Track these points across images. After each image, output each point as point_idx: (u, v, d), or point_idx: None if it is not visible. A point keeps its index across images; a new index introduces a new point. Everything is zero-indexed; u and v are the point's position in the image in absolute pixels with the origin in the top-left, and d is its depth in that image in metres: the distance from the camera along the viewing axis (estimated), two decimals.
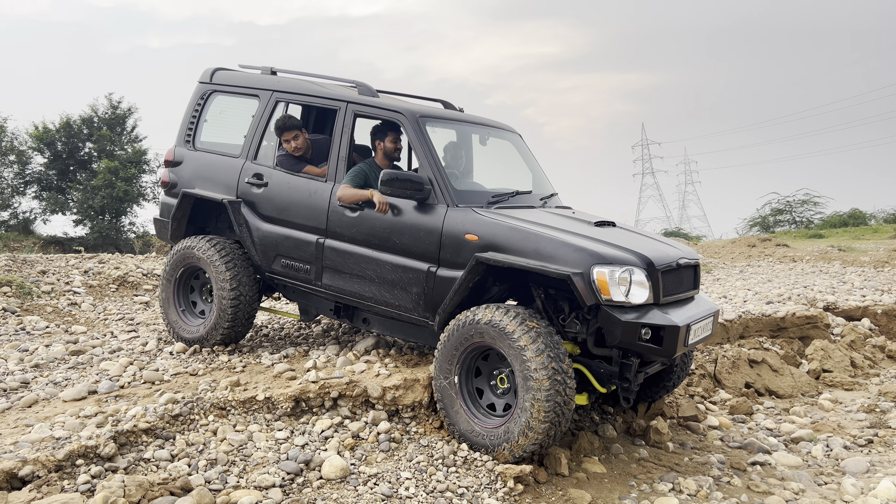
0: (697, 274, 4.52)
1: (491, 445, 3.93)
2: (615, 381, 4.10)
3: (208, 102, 5.68)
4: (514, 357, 3.80)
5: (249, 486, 3.45)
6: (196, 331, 5.27)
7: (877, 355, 7.97)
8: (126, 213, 27.78)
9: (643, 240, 4.46)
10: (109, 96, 28.52)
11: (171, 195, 5.66)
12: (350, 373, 4.57)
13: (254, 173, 5.20)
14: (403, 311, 4.54)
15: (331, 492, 3.52)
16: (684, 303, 4.29)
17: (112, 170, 26.14)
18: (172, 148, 5.76)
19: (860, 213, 33.08)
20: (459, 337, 4.03)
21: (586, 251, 3.88)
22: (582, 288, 3.78)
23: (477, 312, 3.99)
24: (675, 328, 3.82)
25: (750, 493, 4.12)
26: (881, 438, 5.15)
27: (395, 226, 4.49)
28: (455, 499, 3.56)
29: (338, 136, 4.92)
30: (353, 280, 4.72)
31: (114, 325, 6.64)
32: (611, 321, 3.81)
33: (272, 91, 5.31)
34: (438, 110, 5.22)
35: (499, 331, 3.84)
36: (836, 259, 16.68)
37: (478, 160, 5.43)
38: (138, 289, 8.40)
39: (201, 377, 4.71)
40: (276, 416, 4.23)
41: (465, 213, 4.30)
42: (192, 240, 5.28)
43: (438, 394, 4.16)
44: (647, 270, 3.89)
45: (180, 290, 5.45)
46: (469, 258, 4.14)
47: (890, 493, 4.03)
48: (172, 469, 3.49)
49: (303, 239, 4.93)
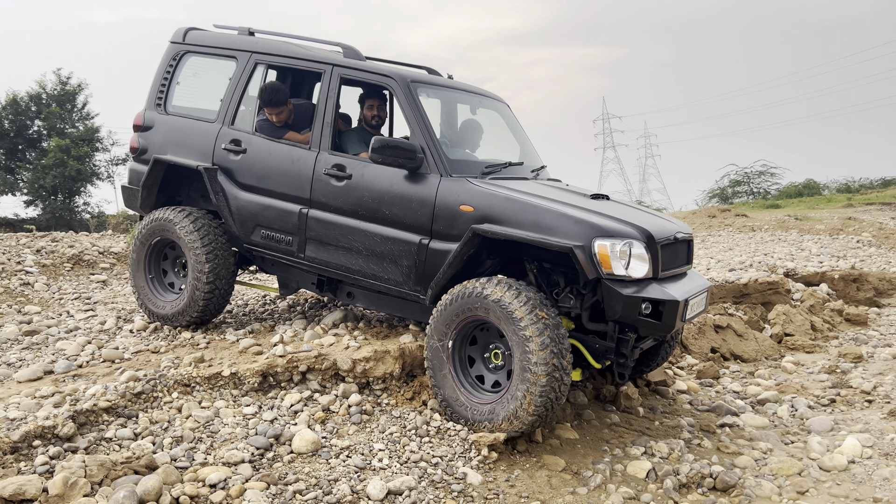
0: (691, 249, 4.44)
1: (472, 419, 3.83)
2: (610, 356, 3.97)
3: (181, 64, 5.34)
4: (517, 344, 3.65)
5: (218, 463, 3.34)
6: (169, 306, 5.01)
7: (835, 319, 8.17)
8: (80, 192, 27.01)
9: (640, 213, 4.36)
10: (58, 72, 27.58)
11: (141, 161, 5.31)
12: (318, 346, 4.48)
13: (231, 139, 4.93)
14: (392, 285, 4.37)
15: (302, 465, 3.43)
16: (679, 277, 4.21)
17: (63, 148, 25.33)
18: (142, 112, 5.40)
19: (814, 184, 33.90)
20: (462, 305, 3.84)
21: (587, 223, 3.76)
22: (584, 261, 3.65)
23: (487, 287, 3.78)
24: (675, 303, 3.72)
25: (720, 455, 4.17)
26: (843, 398, 5.26)
27: (385, 196, 4.29)
28: (429, 468, 3.51)
29: (322, 101, 4.67)
30: (338, 252, 4.53)
31: (70, 304, 6.41)
32: (611, 295, 3.70)
33: (251, 52, 5.02)
34: (430, 76, 4.99)
35: (506, 314, 3.66)
36: (794, 228, 17.06)
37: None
38: (94, 267, 8.13)
39: (163, 354, 4.57)
40: (242, 391, 4.12)
41: (459, 183, 4.13)
42: (164, 211, 4.97)
43: (429, 353, 4.01)
44: (647, 244, 3.78)
45: (151, 264, 5.14)
46: (464, 230, 3.99)
47: (854, 449, 4.12)
48: (136, 448, 3.36)
49: (285, 209, 4.70)
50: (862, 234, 15.40)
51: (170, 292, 5.13)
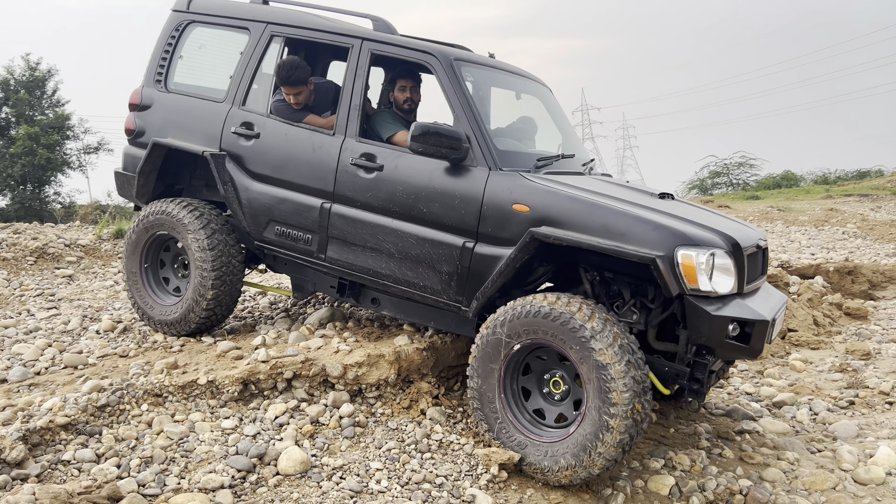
0: (766, 258, 3.88)
1: (550, 467, 3.27)
2: (682, 381, 3.41)
3: (185, 35, 4.75)
4: (591, 377, 3.13)
5: (193, 489, 2.93)
6: (170, 312, 4.44)
7: (834, 313, 7.93)
8: (50, 182, 26.18)
9: (716, 217, 3.83)
10: (27, 57, 26.62)
11: (137, 145, 4.75)
12: (305, 349, 4.06)
13: (242, 122, 4.38)
14: (429, 294, 3.84)
15: (290, 490, 3.03)
16: (758, 292, 3.65)
17: (32, 136, 24.49)
18: (139, 88, 4.82)
19: (792, 175, 34.05)
20: (519, 327, 3.30)
21: (668, 229, 3.22)
22: (666, 274, 3.12)
23: (543, 305, 3.25)
24: (765, 323, 3.19)
25: (745, 466, 3.84)
26: (862, 399, 4.97)
27: (423, 191, 3.75)
28: (433, 490, 3.13)
29: (350, 80, 4.11)
30: (365, 254, 3.98)
31: (31, 301, 5.92)
32: (697, 314, 3.16)
33: (266, 23, 4.44)
34: (474, 54, 4.37)
35: (579, 341, 3.13)
36: (778, 219, 16.97)
37: (497, 115, 4.55)
38: (60, 261, 7.60)
39: (132, 359, 4.13)
40: (221, 401, 3.69)
41: (511, 178, 3.59)
42: (163, 203, 4.41)
43: (475, 393, 3.46)
44: (733, 253, 3.27)
45: (148, 263, 4.60)
46: (517, 233, 3.46)
47: (889, 460, 3.82)
48: (98, 473, 2.93)
49: (304, 203, 4.15)
50: (847, 226, 15.34)
51: (169, 295, 4.59)
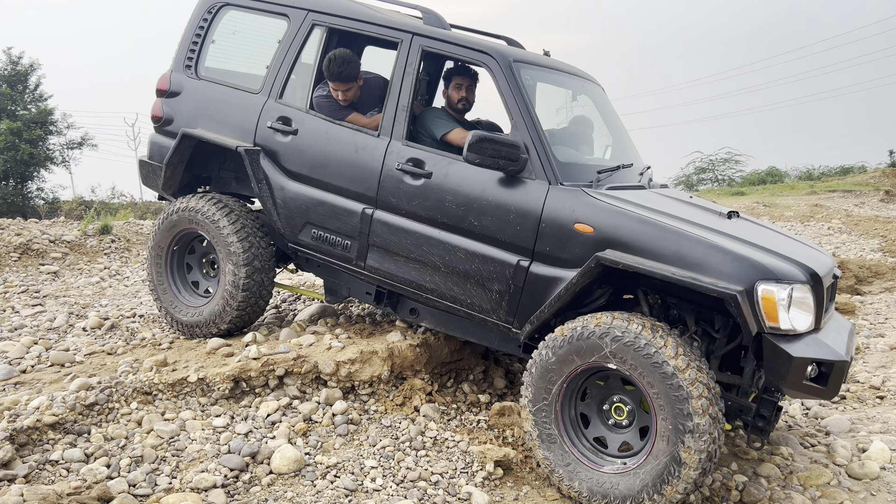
0: (835, 286, 3.62)
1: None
2: (746, 416, 3.22)
3: (217, 18, 4.48)
4: (664, 405, 2.91)
5: (185, 488, 2.88)
6: (197, 313, 4.28)
7: None
8: (33, 177, 25.88)
9: (789, 241, 3.57)
10: (8, 51, 26.30)
11: (165, 133, 4.52)
12: (297, 346, 4.01)
13: (279, 116, 4.14)
14: (476, 311, 3.61)
15: (284, 489, 2.99)
16: (829, 324, 3.39)
17: (14, 131, 24.18)
18: (167, 73, 4.56)
19: (777, 171, 34.29)
20: (575, 350, 3.08)
21: (748, 261, 2.96)
22: (746, 311, 2.86)
23: (613, 328, 3.02)
24: (844, 363, 2.94)
25: (739, 461, 3.83)
26: (853, 394, 4.99)
27: (475, 202, 3.51)
28: (429, 488, 3.10)
29: (398, 77, 3.86)
30: (409, 265, 3.77)
31: (15, 298, 5.81)
32: (777, 356, 2.89)
33: (307, 11, 4.17)
34: (532, 54, 4.09)
35: (653, 366, 2.91)
36: (764, 215, 17.06)
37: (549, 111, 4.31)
38: (45, 257, 7.49)
39: (121, 356, 4.06)
40: (212, 399, 3.64)
41: (573, 194, 3.34)
42: (191, 199, 4.24)
43: (534, 422, 3.24)
44: (814, 287, 3.01)
45: (174, 262, 4.41)
46: (578, 255, 3.24)
47: (883, 454, 3.83)
48: (87, 473, 2.87)
49: (343, 207, 3.93)
50: (832, 221, 15.46)
51: (196, 296, 4.42)
